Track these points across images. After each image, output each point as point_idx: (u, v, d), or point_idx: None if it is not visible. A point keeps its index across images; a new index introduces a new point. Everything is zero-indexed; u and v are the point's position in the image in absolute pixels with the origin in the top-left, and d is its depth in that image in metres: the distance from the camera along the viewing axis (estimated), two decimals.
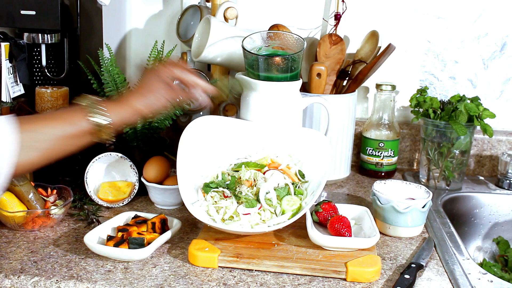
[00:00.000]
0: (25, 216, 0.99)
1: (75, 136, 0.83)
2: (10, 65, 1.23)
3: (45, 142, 0.80)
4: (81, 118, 0.83)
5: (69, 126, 0.82)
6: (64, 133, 0.81)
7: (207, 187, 0.98)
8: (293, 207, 0.95)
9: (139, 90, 0.89)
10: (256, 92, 1.07)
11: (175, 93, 0.90)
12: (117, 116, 0.85)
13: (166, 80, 0.90)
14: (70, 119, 0.83)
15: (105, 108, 0.84)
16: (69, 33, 1.28)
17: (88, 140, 0.85)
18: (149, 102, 0.88)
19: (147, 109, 0.89)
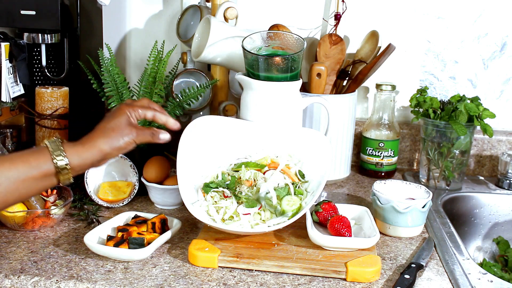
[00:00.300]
0: (25, 216, 0.99)
1: (36, 179, 0.79)
2: (10, 65, 1.23)
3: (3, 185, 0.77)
4: (43, 159, 0.80)
5: (30, 168, 0.79)
6: (24, 175, 0.78)
7: (207, 187, 0.98)
8: (293, 207, 0.95)
9: (103, 130, 0.85)
10: (256, 92, 1.07)
11: (140, 133, 0.87)
12: (77, 158, 0.82)
13: (130, 120, 0.87)
14: (31, 161, 0.79)
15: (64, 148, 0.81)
16: (69, 33, 1.28)
17: (47, 183, 0.81)
18: (114, 143, 0.85)
19: (112, 149, 0.85)
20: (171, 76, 1.29)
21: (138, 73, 1.56)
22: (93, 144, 0.83)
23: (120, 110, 0.88)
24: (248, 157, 1.06)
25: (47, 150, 0.80)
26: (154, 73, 1.20)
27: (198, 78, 1.36)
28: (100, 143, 0.84)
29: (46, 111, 1.21)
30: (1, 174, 0.76)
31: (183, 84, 1.36)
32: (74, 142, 0.83)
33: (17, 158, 0.79)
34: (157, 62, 1.20)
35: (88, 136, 0.85)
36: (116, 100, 1.19)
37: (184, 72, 1.35)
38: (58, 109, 1.22)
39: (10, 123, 1.26)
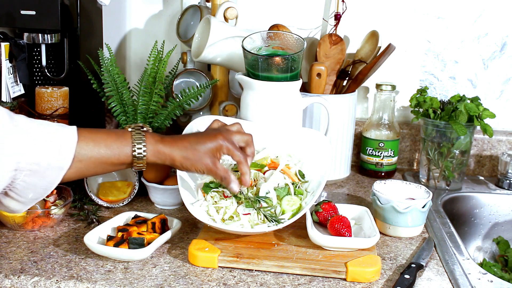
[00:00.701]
0: (25, 216, 0.99)
1: (113, 164, 0.83)
2: (10, 65, 1.23)
3: (83, 162, 0.80)
4: (124, 147, 0.83)
5: (111, 154, 0.82)
6: (105, 159, 0.82)
7: (207, 187, 0.98)
8: (293, 207, 0.95)
9: (187, 145, 0.86)
10: (256, 92, 1.07)
11: (214, 170, 0.88)
12: (153, 155, 0.85)
13: (216, 153, 0.88)
14: (114, 148, 0.82)
15: (147, 142, 0.84)
16: (69, 33, 1.28)
17: (121, 167, 0.85)
18: (187, 163, 0.86)
19: (181, 166, 0.87)
20: (171, 76, 1.29)
21: (138, 73, 1.56)
22: (171, 150, 0.86)
23: (215, 137, 0.88)
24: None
25: (130, 138, 0.83)
26: (154, 73, 1.20)
27: (198, 78, 1.36)
28: (176, 154, 0.86)
29: (46, 111, 1.21)
30: (84, 153, 0.79)
31: (183, 84, 1.36)
32: (156, 138, 0.86)
33: (101, 141, 0.81)
34: (157, 62, 1.20)
35: (173, 139, 0.87)
36: (116, 100, 1.19)
37: (184, 72, 1.35)
38: (58, 109, 1.22)
39: None
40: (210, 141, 0.87)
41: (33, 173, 0.76)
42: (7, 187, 0.76)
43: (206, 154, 0.87)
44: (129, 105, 1.19)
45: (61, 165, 0.78)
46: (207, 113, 1.37)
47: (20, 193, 0.78)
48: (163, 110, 1.20)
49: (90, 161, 0.81)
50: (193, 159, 0.86)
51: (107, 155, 0.82)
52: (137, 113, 1.18)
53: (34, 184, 0.77)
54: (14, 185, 0.76)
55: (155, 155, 0.85)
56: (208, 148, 0.87)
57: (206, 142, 0.87)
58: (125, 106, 1.19)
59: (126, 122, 1.19)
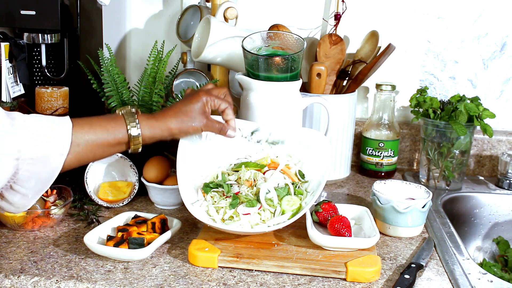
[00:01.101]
0: (25, 216, 0.99)
1: (110, 145, 0.85)
2: (10, 65, 1.23)
3: (81, 146, 0.82)
4: (119, 127, 0.85)
5: (107, 135, 0.84)
6: (101, 140, 0.84)
7: (207, 187, 0.98)
8: (293, 207, 0.95)
9: (177, 110, 0.91)
10: (256, 92, 1.07)
11: (210, 123, 0.93)
12: (148, 130, 0.88)
13: (205, 108, 0.93)
14: (109, 128, 0.85)
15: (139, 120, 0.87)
16: (69, 33, 1.28)
17: (119, 149, 0.88)
18: (183, 126, 0.91)
19: (180, 131, 0.92)
20: (171, 76, 1.29)
21: (138, 73, 1.56)
22: (164, 122, 0.89)
23: (198, 96, 0.93)
24: (248, 157, 1.06)
25: (122, 119, 0.86)
26: (154, 73, 1.20)
27: (198, 78, 1.36)
28: (171, 123, 0.90)
29: (46, 111, 1.21)
30: (81, 137, 0.81)
31: (183, 84, 1.36)
32: (147, 115, 0.89)
33: (95, 123, 0.84)
34: (157, 62, 1.20)
35: (162, 112, 0.91)
36: (116, 100, 1.19)
37: (184, 72, 1.35)
38: (58, 109, 1.22)
39: None
40: (196, 100, 0.92)
41: (34, 161, 0.78)
42: (11, 180, 0.78)
43: (197, 112, 0.92)
44: (129, 104, 1.19)
45: (60, 150, 0.79)
46: None
47: (24, 184, 0.79)
48: None
49: (88, 144, 0.82)
50: (188, 121, 0.91)
51: (103, 136, 0.84)
52: None
53: (37, 172, 0.79)
54: (18, 176, 0.78)
55: (150, 131, 0.88)
56: (198, 107, 0.92)
57: (193, 102, 0.92)
58: (125, 106, 1.19)
59: None
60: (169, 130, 0.90)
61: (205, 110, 0.93)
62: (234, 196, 0.96)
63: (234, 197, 0.95)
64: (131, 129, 0.86)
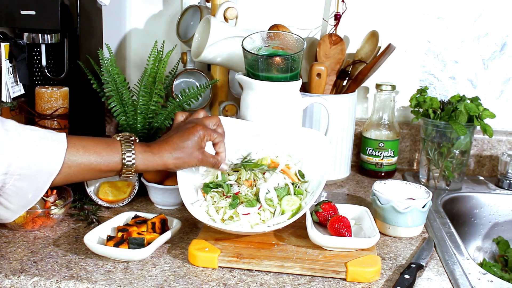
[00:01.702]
0: (25, 216, 0.99)
1: (102, 171, 0.86)
2: (10, 65, 1.23)
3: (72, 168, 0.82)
4: (114, 155, 0.85)
5: (100, 161, 0.84)
6: (94, 165, 0.84)
7: (207, 187, 0.98)
8: (292, 207, 0.95)
9: (174, 146, 0.90)
10: (256, 92, 1.07)
11: (205, 159, 0.93)
12: (143, 163, 0.88)
13: (201, 143, 0.92)
14: (104, 155, 0.85)
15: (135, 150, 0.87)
16: (69, 33, 1.28)
17: (109, 175, 0.88)
18: (179, 162, 0.91)
19: (175, 167, 0.92)
20: (171, 76, 1.29)
21: (138, 73, 1.56)
22: (160, 156, 0.89)
23: (195, 130, 0.92)
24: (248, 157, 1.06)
25: (119, 146, 0.86)
26: (154, 73, 1.20)
27: (198, 78, 1.36)
28: (168, 158, 0.89)
29: (46, 111, 1.21)
30: (74, 159, 0.81)
31: (183, 84, 1.36)
32: (144, 146, 0.89)
33: (91, 148, 0.84)
34: (157, 62, 1.20)
35: (159, 145, 0.90)
36: (116, 100, 1.19)
37: (184, 72, 1.35)
38: (58, 109, 1.22)
39: None
40: (193, 135, 0.91)
41: (22, 177, 0.77)
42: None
43: (194, 148, 0.91)
44: (129, 105, 1.19)
45: (50, 170, 0.79)
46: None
47: (9, 198, 0.78)
48: (163, 110, 1.20)
49: (80, 167, 0.82)
50: (185, 157, 0.90)
51: (96, 162, 0.84)
52: (137, 113, 1.18)
53: (23, 189, 0.78)
54: (4, 190, 0.77)
55: (144, 163, 0.88)
56: (194, 142, 0.91)
57: (190, 137, 0.91)
58: (125, 106, 1.19)
59: (126, 122, 1.19)
60: (165, 165, 0.90)
61: (201, 145, 0.92)
62: (234, 196, 0.96)
63: (234, 197, 0.95)
64: (126, 158, 0.86)
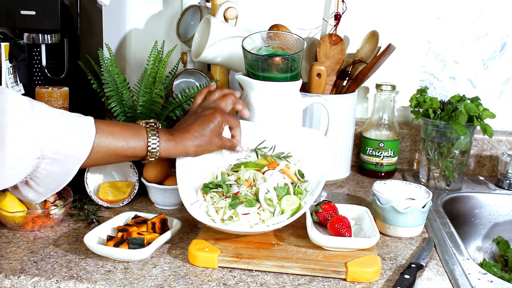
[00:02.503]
0: (25, 216, 0.99)
1: (127, 156, 0.88)
2: (10, 65, 1.23)
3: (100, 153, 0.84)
4: (140, 142, 0.88)
5: (127, 147, 0.87)
6: (120, 151, 0.86)
7: (207, 188, 0.98)
8: (292, 206, 0.95)
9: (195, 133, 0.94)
10: (256, 92, 1.07)
11: (223, 144, 0.98)
12: (167, 150, 0.91)
13: (220, 130, 0.97)
14: (130, 141, 0.87)
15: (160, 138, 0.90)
16: (69, 33, 1.28)
17: (132, 160, 0.91)
18: (200, 149, 0.95)
19: (195, 154, 0.96)
20: (171, 76, 1.29)
21: (138, 73, 1.56)
22: (182, 144, 0.93)
23: (213, 116, 0.96)
24: (247, 157, 1.06)
25: (145, 134, 0.89)
26: (154, 73, 1.20)
27: (198, 78, 1.36)
28: (189, 146, 0.93)
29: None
30: (103, 145, 0.84)
31: (183, 84, 1.36)
32: (168, 135, 0.92)
33: (118, 134, 0.86)
34: (157, 62, 1.20)
35: (181, 133, 0.94)
36: (116, 100, 1.19)
37: (184, 72, 1.35)
38: (58, 109, 1.22)
39: None
40: (212, 122, 0.95)
41: (53, 161, 0.79)
42: (28, 176, 0.78)
43: (213, 135, 0.96)
44: (129, 105, 1.19)
45: (79, 156, 0.81)
46: None
47: (40, 182, 0.80)
48: (163, 110, 1.20)
49: (107, 152, 0.85)
50: (205, 144, 0.95)
51: (123, 148, 0.87)
52: (137, 113, 1.18)
53: (54, 172, 0.80)
54: (35, 173, 0.79)
55: (167, 151, 0.92)
56: (213, 129, 0.95)
57: (209, 124, 0.95)
58: (125, 106, 1.19)
59: None
60: (186, 152, 0.94)
61: (220, 131, 0.97)
62: (234, 196, 0.96)
63: (234, 197, 0.95)
64: (151, 146, 0.89)
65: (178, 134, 0.93)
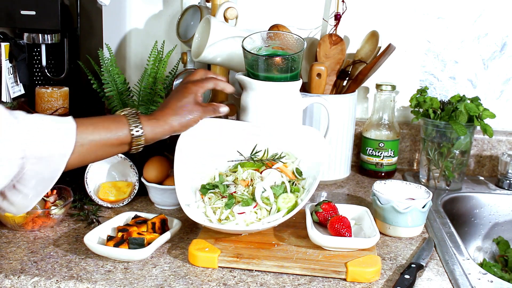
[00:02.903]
0: (25, 216, 0.99)
1: (113, 145, 0.87)
2: (10, 65, 1.23)
3: (85, 147, 0.83)
4: (122, 128, 0.87)
5: (110, 135, 0.86)
6: (104, 140, 0.85)
7: (204, 189, 0.99)
8: (288, 204, 0.95)
9: (174, 107, 0.94)
10: (256, 92, 1.07)
11: (205, 110, 0.97)
12: (151, 130, 0.90)
13: (197, 98, 0.96)
14: (112, 128, 0.87)
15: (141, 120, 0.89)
16: (69, 33, 1.28)
17: (120, 150, 0.89)
18: (183, 120, 0.94)
19: (181, 127, 0.95)
20: (171, 76, 1.29)
21: (138, 73, 1.56)
22: (165, 120, 0.92)
23: (188, 89, 0.97)
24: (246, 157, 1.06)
25: (125, 119, 0.89)
26: (154, 73, 1.20)
27: None
28: (172, 120, 0.93)
29: (46, 111, 1.21)
30: (85, 137, 0.83)
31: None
32: (148, 116, 0.92)
33: (99, 124, 0.86)
34: (157, 62, 1.20)
35: (161, 112, 0.94)
36: (116, 100, 1.19)
37: (184, 72, 1.35)
38: (58, 109, 1.22)
39: None
40: (189, 93, 0.96)
41: (38, 160, 0.78)
42: (15, 178, 0.78)
43: (193, 104, 0.95)
44: (129, 105, 1.19)
45: (63, 151, 0.80)
46: None
47: (27, 183, 0.79)
48: None
49: (92, 144, 0.84)
50: (188, 114, 0.95)
51: (106, 137, 0.86)
52: None
53: (40, 172, 0.79)
54: (21, 175, 0.78)
55: (152, 131, 0.91)
56: (191, 99, 0.96)
57: (186, 96, 0.96)
58: (125, 106, 1.19)
59: None
60: (171, 128, 0.93)
61: (198, 99, 0.96)
62: (230, 196, 0.96)
63: (230, 197, 0.96)
64: (134, 129, 0.88)
65: (158, 113, 0.93)
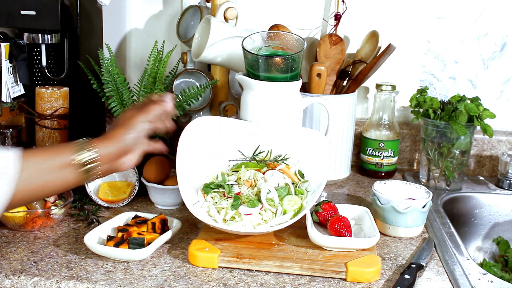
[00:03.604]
0: (25, 216, 0.99)
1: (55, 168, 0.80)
2: (10, 65, 1.23)
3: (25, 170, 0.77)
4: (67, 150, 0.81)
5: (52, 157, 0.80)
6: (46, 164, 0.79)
7: (207, 188, 0.98)
8: (294, 206, 0.95)
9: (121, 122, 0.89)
10: (256, 92, 1.07)
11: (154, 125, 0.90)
12: (104, 150, 0.84)
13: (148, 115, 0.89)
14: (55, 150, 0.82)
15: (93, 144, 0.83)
16: (69, 33, 1.28)
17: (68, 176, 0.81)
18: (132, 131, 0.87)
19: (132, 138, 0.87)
20: (171, 76, 1.29)
21: (138, 73, 1.56)
22: (115, 135, 0.86)
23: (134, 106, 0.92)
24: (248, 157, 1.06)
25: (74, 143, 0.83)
26: (154, 73, 1.20)
27: (198, 78, 1.36)
28: (121, 133, 0.86)
29: (46, 111, 1.21)
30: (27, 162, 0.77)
31: (183, 84, 1.36)
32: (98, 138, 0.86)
33: (46, 149, 0.82)
34: (157, 62, 1.20)
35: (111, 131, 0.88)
36: (116, 100, 1.19)
37: (184, 72, 1.35)
38: (58, 109, 1.22)
39: (10, 123, 1.26)
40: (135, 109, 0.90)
41: None
42: None
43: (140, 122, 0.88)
44: (129, 105, 1.19)
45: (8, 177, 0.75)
46: (207, 113, 1.37)
47: None
48: None
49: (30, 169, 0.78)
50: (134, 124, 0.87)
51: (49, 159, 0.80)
52: None
53: None
54: None
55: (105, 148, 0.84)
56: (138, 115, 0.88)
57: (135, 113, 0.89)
58: (125, 106, 1.19)
59: None
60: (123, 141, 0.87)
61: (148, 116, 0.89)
62: (236, 197, 0.95)
63: (236, 197, 0.95)
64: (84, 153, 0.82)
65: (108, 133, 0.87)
